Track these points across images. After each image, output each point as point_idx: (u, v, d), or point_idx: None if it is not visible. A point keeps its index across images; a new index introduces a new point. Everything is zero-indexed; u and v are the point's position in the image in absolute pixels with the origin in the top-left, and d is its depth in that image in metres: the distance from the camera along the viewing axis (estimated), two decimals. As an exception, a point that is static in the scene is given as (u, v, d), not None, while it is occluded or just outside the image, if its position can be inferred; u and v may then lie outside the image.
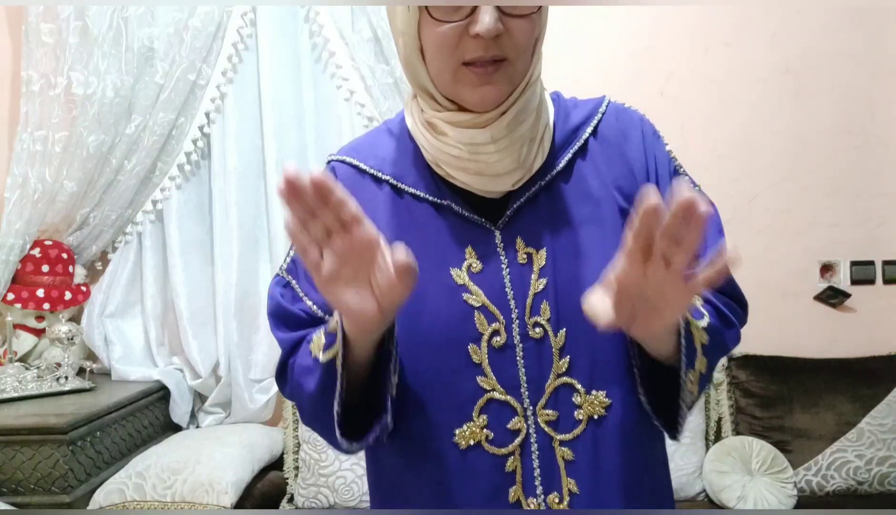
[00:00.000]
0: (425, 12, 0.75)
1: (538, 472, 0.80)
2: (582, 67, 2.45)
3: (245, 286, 2.38)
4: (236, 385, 2.37)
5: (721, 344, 0.85)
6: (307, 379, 0.79)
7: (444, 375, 0.81)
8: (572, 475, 0.80)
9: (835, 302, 2.48)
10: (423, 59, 0.79)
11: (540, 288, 0.81)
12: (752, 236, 2.48)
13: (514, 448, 0.80)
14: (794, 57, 2.46)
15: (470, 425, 0.80)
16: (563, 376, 0.80)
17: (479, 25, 0.73)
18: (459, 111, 0.80)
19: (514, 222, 0.83)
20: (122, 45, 2.23)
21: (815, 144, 2.47)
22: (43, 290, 2.25)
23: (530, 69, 0.80)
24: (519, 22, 0.75)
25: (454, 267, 0.82)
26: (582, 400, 0.80)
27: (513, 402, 0.80)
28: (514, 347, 0.80)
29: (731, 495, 2.11)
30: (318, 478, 2.16)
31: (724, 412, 2.32)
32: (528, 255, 0.82)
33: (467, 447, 0.80)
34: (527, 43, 0.77)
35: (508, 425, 0.80)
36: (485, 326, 0.80)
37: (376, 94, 2.32)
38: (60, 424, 1.82)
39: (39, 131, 2.24)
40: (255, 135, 2.38)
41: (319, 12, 2.34)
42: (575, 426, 0.80)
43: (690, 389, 0.78)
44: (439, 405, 0.81)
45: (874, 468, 2.16)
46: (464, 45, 0.75)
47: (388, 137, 0.90)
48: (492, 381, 0.80)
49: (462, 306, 0.80)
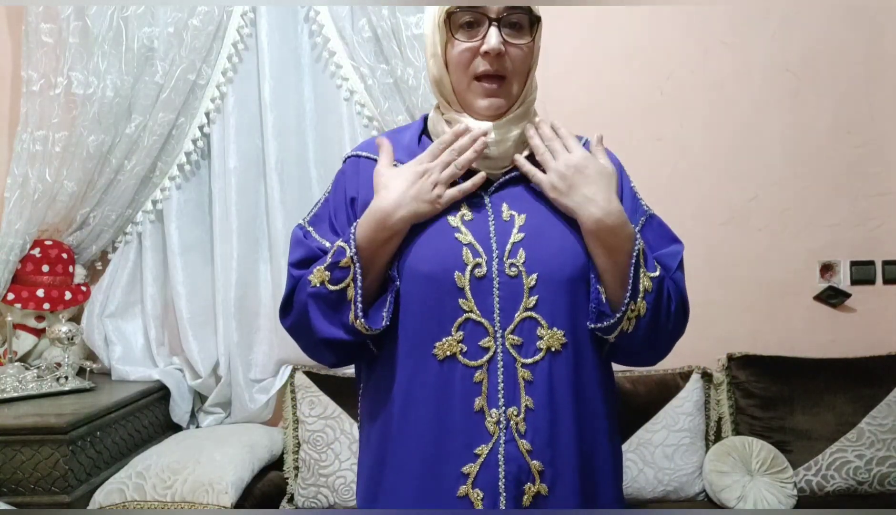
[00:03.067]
0: (451, 36, 1.04)
1: (501, 386, 0.98)
2: (582, 67, 2.46)
3: (245, 286, 2.38)
4: (236, 385, 2.37)
5: (660, 306, 1.03)
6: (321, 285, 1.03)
7: (433, 295, 1.00)
8: (530, 393, 0.98)
9: (835, 302, 2.48)
10: (448, 73, 1.07)
11: (518, 239, 1.03)
12: (752, 235, 2.48)
13: (483, 364, 0.99)
14: (793, 57, 2.46)
15: (448, 339, 0.99)
16: (530, 310, 1.00)
17: (486, 45, 1.02)
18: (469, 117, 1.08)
19: (503, 192, 1.07)
20: (122, 45, 2.23)
21: (815, 144, 2.47)
22: (43, 290, 2.25)
23: (524, 92, 1.08)
24: (515, 49, 1.04)
25: (450, 215, 1.04)
26: (544, 333, 1.00)
27: (486, 324, 0.99)
28: (492, 279, 1.00)
29: (731, 495, 2.11)
30: (318, 478, 2.16)
31: (724, 413, 2.32)
32: (511, 215, 1.05)
33: (444, 357, 0.99)
34: (522, 67, 1.06)
35: (480, 342, 0.99)
36: (469, 258, 1.01)
37: (376, 94, 2.32)
38: (60, 424, 1.82)
39: (39, 131, 2.24)
40: (255, 135, 2.38)
41: (319, 12, 2.34)
42: (536, 353, 0.99)
43: (630, 317, 1.00)
44: (425, 320, 1.00)
45: (874, 468, 2.16)
46: (476, 62, 1.04)
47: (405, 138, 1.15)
48: (470, 303, 0.99)
49: (453, 241, 1.02)
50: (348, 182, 1.12)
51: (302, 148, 2.41)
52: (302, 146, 2.41)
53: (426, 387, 1.00)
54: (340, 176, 1.15)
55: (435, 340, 0.99)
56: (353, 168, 1.13)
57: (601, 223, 1.00)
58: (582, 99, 2.43)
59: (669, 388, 2.27)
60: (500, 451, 0.97)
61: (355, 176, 1.11)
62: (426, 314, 1.00)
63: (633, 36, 2.46)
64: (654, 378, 2.29)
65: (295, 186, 2.37)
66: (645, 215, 1.11)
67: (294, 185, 2.36)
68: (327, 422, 2.19)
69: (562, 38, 2.43)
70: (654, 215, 1.13)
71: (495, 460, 0.97)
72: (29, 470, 1.82)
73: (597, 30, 2.45)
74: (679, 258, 1.10)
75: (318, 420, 2.20)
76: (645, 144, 2.45)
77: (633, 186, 1.14)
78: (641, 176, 2.35)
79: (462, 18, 1.03)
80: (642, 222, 1.10)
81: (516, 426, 0.97)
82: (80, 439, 1.88)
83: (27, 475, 1.82)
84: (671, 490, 2.18)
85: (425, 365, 1.00)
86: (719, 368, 2.37)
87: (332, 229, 1.09)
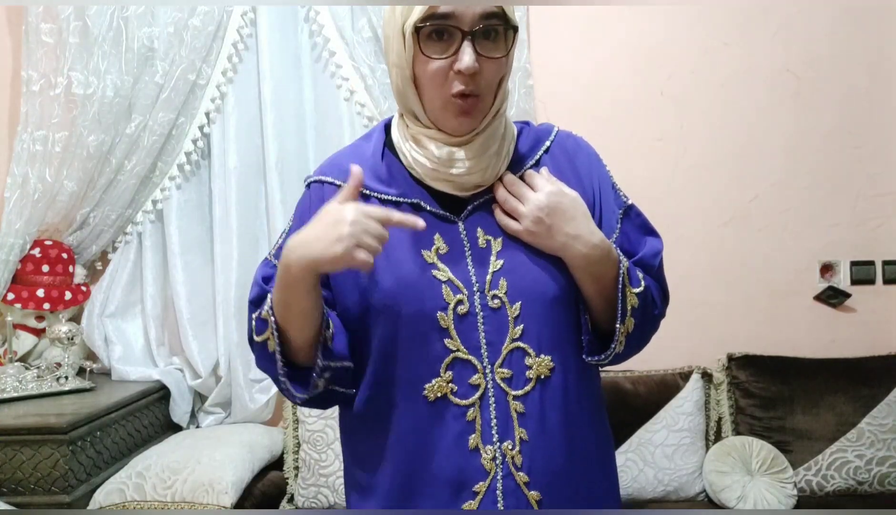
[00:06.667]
0: (419, 50, 0.93)
1: (495, 422, 0.96)
2: (582, 67, 2.46)
3: (245, 286, 2.36)
4: (236, 385, 2.37)
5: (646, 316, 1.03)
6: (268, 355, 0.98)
7: (418, 337, 0.97)
8: (523, 425, 0.96)
9: (835, 302, 2.48)
10: (415, 88, 0.97)
11: (498, 267, 0.99)
12: (752, 235, 2.48)
13: (475, 401, 0.96)
14: (794, 57, 2.46)
15: (438, 380, 0.96)
16: (517, 340, 0.97)
17: (460, 63, 0.92)
18: (438, 131, 0.99)
19: (475, 216, 1.01)
20: (122, 45, 2.23)
21: (815, 144, 2.47)
22: (43, 290, 2.25)
23: (496, 103, 0.99)
24: (489, 63, 0.94)
25: (425, 249, 0.99)
26: (532, 362, 0.97)
27: (474, 361, 0.97)
28: (475, 315, 0.97)
29: (731, 495, 2.11)
30: (318, 478, 2.16)
31: (724, 413, 2.32)
32: (487, 241, 1.00)
33: (435, 398, 0.96)
34: (493, 80, 0.96)
35: (470, 380, 0.96)
36: (451, 297, 0.97)
37: (376, 93, 2.32)
38: (60, 424, 1.82)
39: (39, 131, 2.24)
40: (255, 135, 2.38)
41: (319, 12, 2.34)
42: (526, 383, 0.97)
43: (620, 339, 0.99)
44: (412, 363, 0.97)
45: (874, 468, 2.16)
46: (450, 80, 0.94)
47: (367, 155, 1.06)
48: (457, 342, 0.96)
49: (431, 280, 0.97)
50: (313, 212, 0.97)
51: (302, 148, 2.42)
52: (302, 146, 2.42)
53: (419, 430, 0.97)
54: (305, 203, 1.07)
55: (424, 382, 0.96)
56: (318, 195, 1.05)
57: (588, 258, 0.98)
58: (582, 99, 2.43)
59: (669, 388, 2.27)
60: (498, 487, 0.96)
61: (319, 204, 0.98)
62: (412, 358, 0.97)
63: (634, 36, 2.45)
64: (654, 378, 2.29)
65: (295, 186, 2.36)
66: (623, 207, 1.08)
67: (294, 185, 2.36)
68: (327, 422, 2.19)
69: (562, 38, 2.44)
70: (633, 205, 1.10)
71: (493, 497, 0.96)
72: (29, 470, 1.82)
73: (597, 30, 2.45)
74: (659, 258, 1.07)
75: (318, 420, 2.20)
76: (645, 144, 2.45)
77: (611, 175, 1.11)
78: (641, 176, 2.38)
79: (431, 28, 0.92)
80: (621, 213, 1.07)
81: (512, 459, 0.96)
82: (80, 439, 1.88)
83: (27, 475, 1.82)
84: (671, 490, 2.18)
85: (416, 408, 0.97)
86: (719, 368, 2.37)
87: None
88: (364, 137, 1.10)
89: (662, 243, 1.09)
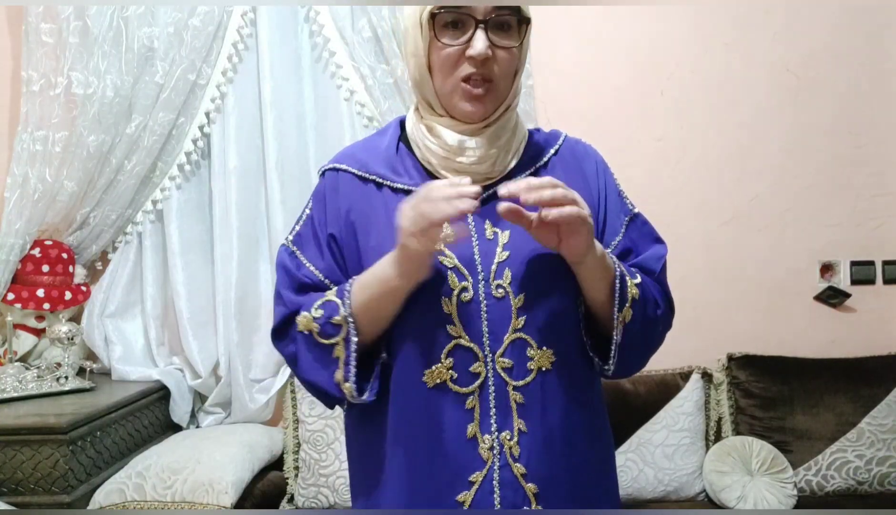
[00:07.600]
0: (434, 37, 0.98)
1: (493, 412, 0.96)
2: (582, 67, 2.46)
3: (245, 286, 2.38)
4: (236, 385, 2.37)
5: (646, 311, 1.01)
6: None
7: (421, 322, 0.98)
8: (522, 416, 0.96)
9: (835, 302, 2.48)
10: (431, 76, 1.00)
11: (503, 258, 0.99)
12: (752, 235, 2.48)
13: (474, 389, 0.96)
14: (794, 57, 2.46)
15: (438, 366, 0.96)
16: (519, 331, 0.97)
17: (472, 49, 0.96)
18: (451, 119, 1.02)
19: (484, 208, 1.00)
20: (122, 45, 2.23)
21: (814, 144, 2.47)
22: (43, 290, 2.25)
23: (510, 95, 1.02)
24: (502, 52, 0.98)
25: None
26: (534, 353, 0.97)
27: (475, 349, 0.97)
28: (479, 303, 0.98)
29: (731, 495, 2.11)
30: (318, 478, 2.16)
31: (724, 413, 2.32)
32: (494, 233, 1.01)
33: (434, 385, 0.97)
34: (508, 70, 1.00)
35: (470, 368, 0.96)
36: (455, 283, 0.98)
37: (376, 94, 2.32)
38: (60, 424, 1.82)
39: (39, 131, 2.24)
40: (255, 135, 2.38)
41: (319, 12, 2.34)
42: (527, 375, 0.97)
43: (618, 328, 0.98)
44: (414, 348, 0.98)
45: (874, 468, 2.16)
46: (461, 64, 0.98)
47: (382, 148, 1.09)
48: (459, 329, 0.97)
49: (438, 265, 0.98)
50: (328, 199, 1.06)
51: (302, 148, 2.41)
52: (302, 146, 2.41)
53: (417, 416, 0.97)
54: (320, 190, 1.09)
55: (424, 367, 0.97)
56: (333, 182, 1.07)
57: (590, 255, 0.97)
58: (582, 99, 2.43)
59: (669, 388, 2.27)
60: (495, 478, 0.95)
61: (335, 193, 1.06)
62: (414, 342, 0.98)
63: (634, 36, 2.45)
64: (654, 378, 2.29)
65: (295, 186, 2.37)
66: (629, 215, 1.09)
67: (294, 185, 2.36)
68: (327, 422, 2.19)
69: (562, 37, 2.44)
70: (639, 213, 1.11)
71: (490, 487, 0.95)
72: (29, 470, 1.82)
73: (597, 30, 2.45)
74: (662, 262, 1.08)
75: (318, 420, 2.20)
76: (645, 144, 2.45)
77: (618, 183, 1.12)
78: (641, 176, 2.39)
79: (446, 18, 0.97)
80: (626, 220, 1.08)
81: (510, 450, 0.95)
82: (80, 439, 1.88)
83: (27, 475, 1.82)
84: (671, 490, 2.18)
85: (415, 393, 0.97)
86: (719, 368, 2.37)
87: (320, 252, 1.05)
88: (379, 132, 1.13)
89: (667, 250, 1.10)
